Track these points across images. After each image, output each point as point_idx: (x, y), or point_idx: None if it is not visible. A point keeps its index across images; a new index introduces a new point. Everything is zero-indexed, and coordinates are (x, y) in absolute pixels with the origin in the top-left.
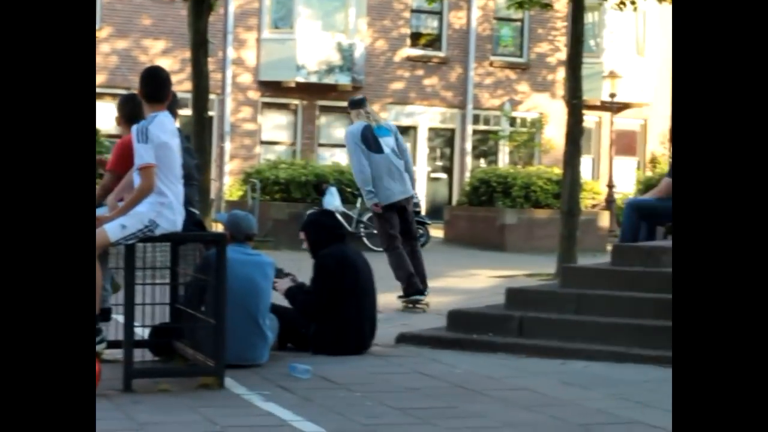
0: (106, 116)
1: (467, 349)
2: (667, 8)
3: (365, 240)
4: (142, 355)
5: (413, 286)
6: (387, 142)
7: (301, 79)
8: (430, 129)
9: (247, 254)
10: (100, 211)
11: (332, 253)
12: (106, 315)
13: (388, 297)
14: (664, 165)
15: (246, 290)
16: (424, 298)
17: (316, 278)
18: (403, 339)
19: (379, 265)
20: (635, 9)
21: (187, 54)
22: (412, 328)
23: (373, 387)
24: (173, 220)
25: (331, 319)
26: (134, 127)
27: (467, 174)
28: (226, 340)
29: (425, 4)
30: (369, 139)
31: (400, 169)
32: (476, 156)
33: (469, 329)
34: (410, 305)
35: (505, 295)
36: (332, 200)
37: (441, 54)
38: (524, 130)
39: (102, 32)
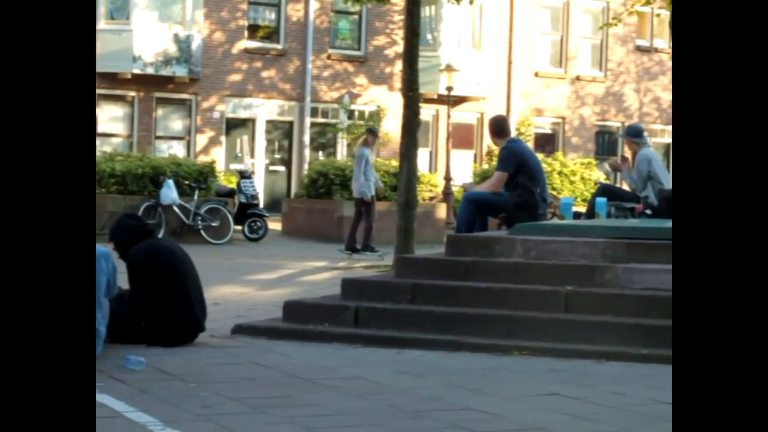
0: None
1: (303, 340)
2: (504, 2)
3: (203, 233)
4: None
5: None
6: None
7: (137, 71)
8: (268, 121)
9: None
10: None
11: (141, 247)
12: None
13: (223, 289)
14: None
15: None
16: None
17: (131, 276)
18: (239, 330)
19: (216, 258)
20: (471, 2)
21: None
22: (248, 319)
23: (208, 377)
24: None
25: (159, 311)
26: None
27: (305, 166)
28: None
29: None
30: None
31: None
32: (314, 148)
33: (305, 320)
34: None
35: (340, 286)
36: (169, 193)
37: (279, 46)
38: (362, 122)
39: None
